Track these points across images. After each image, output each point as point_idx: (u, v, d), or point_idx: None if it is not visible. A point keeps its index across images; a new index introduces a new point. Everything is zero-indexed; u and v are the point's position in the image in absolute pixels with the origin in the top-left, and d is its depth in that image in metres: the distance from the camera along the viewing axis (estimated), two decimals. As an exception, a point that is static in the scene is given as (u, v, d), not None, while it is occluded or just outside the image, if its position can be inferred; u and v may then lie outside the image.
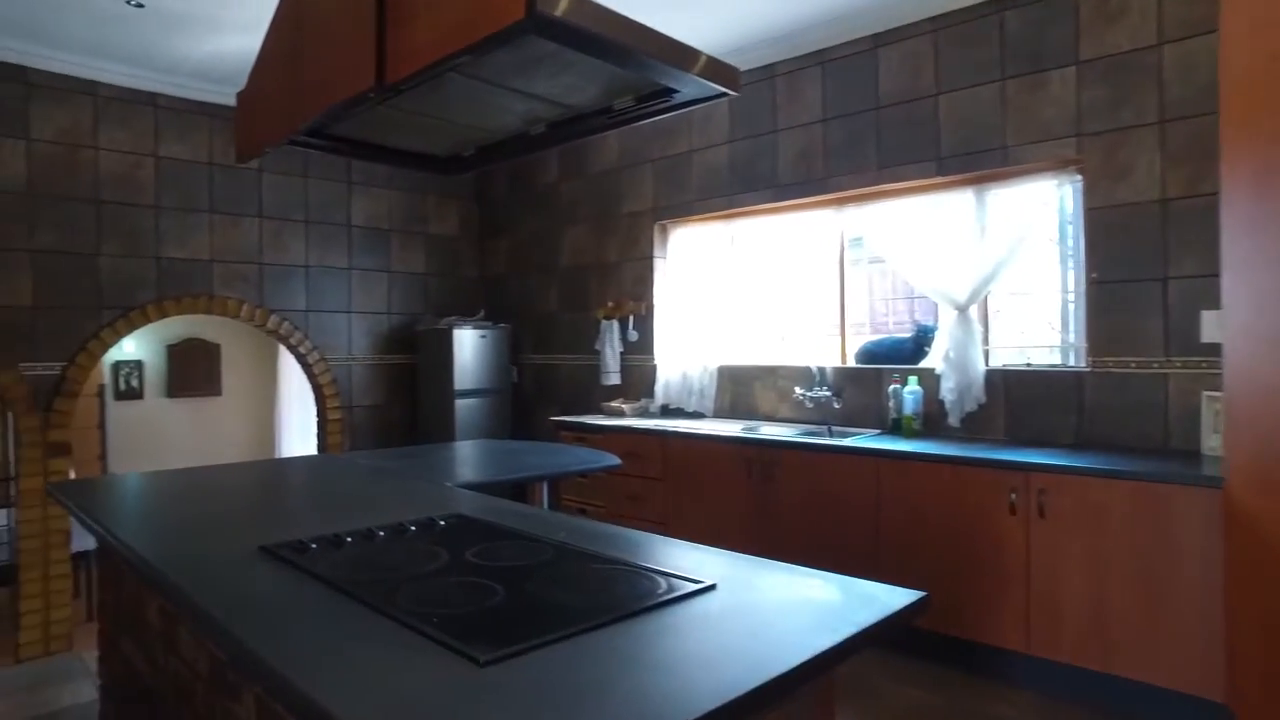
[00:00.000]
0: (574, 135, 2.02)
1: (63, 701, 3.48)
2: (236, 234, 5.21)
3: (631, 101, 1.82)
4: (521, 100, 1.82)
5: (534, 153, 2.21)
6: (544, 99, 1.81)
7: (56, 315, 4.55)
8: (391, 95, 1.64)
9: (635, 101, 1.81)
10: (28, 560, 4.45)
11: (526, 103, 1.84)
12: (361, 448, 5.74)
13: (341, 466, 3.06)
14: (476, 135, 2.13)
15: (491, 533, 1.87)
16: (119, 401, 7.46)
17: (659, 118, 1.93)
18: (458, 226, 6.37)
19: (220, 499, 2.49)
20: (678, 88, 1.68)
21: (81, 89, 4.66)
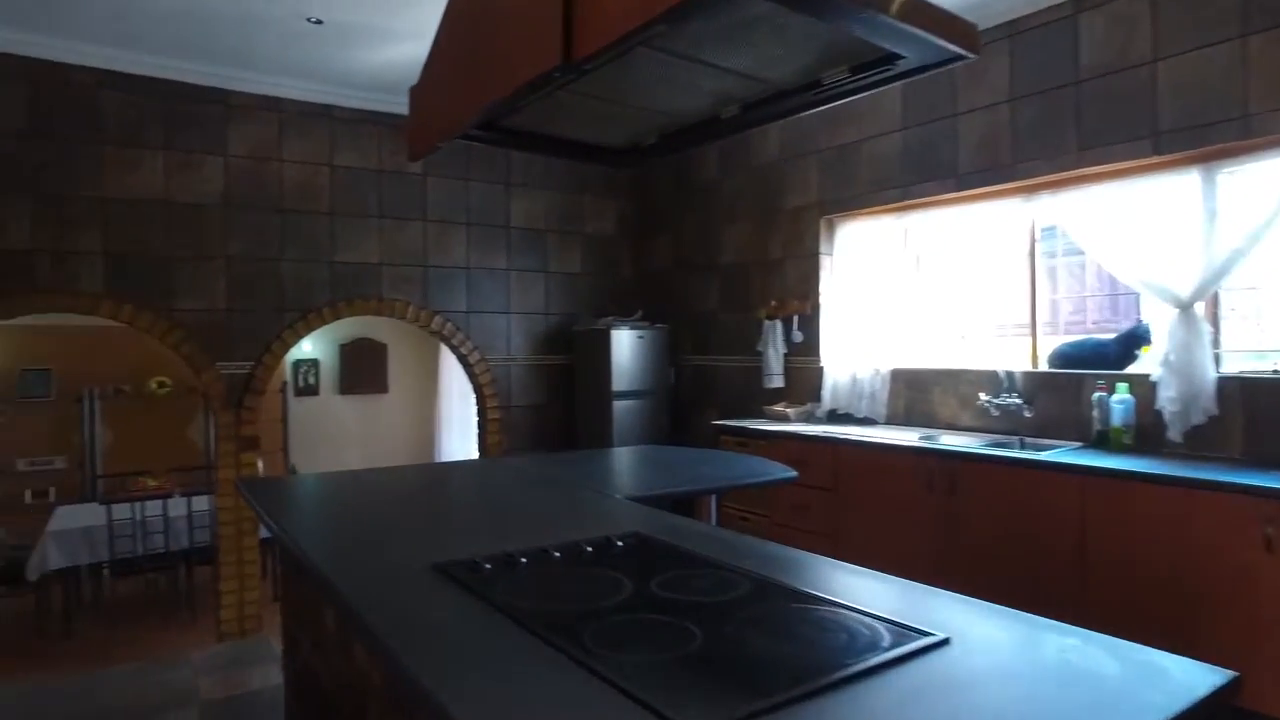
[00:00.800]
0: (771, 117, 1.83)
1: (253, 684, 3.67)
2: (403, 237, 5.37)
3: (845, 73, 1.60)
4: (716, 77, 1.64)
5: (721, 138, 2.03)
6: (743, 74, 1.63)
7: (246, 318, 4.83)
8: (575, 77, 1.51)
9: (849, 73, 1.60)
10: (225, 545, 4.77)
11: (721, 80, 1.66)
12: (519, 447, 5.79)
13: (506, 472, 3.01)
14: (659, 121, 1.98)
15: (675, 558, 1.71)
16: (298, 397, 7.96)
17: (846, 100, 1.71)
18: (615, 225, 6.32)
19: (391, 506, 2.48)
20: (904, 53, 1.46)
21: (268, 106, 4.93)
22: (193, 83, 4.68)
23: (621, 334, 5.60)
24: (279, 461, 7.42)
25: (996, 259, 4.25)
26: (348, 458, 8.12)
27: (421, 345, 8.56)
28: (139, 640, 5.02)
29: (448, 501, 2.57)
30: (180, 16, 4.02)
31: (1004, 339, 4.35)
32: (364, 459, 8.20)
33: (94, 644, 5.00)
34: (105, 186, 4.46)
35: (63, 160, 4.36)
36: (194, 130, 4.70)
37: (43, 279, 4.31)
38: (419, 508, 2.45)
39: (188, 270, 4.66)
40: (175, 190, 4.65)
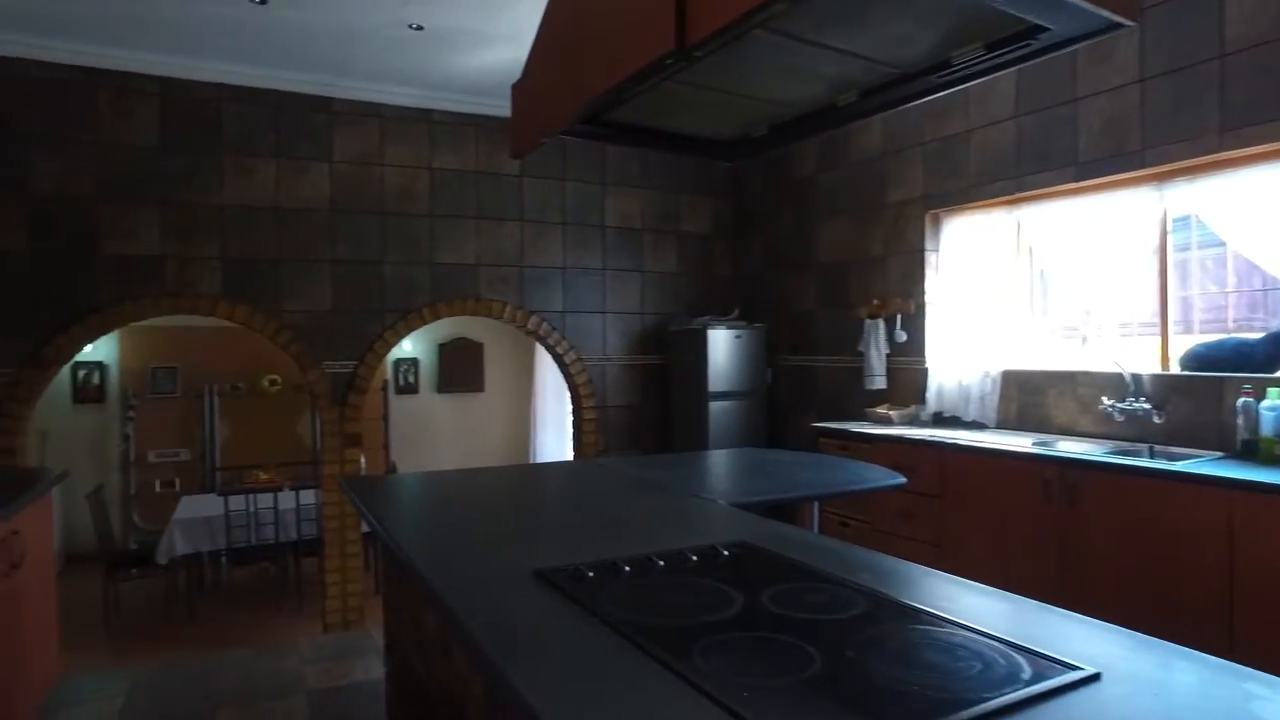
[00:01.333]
0: (892, 103, 1.72)
1: (356, 675, 3.76)
2: (500, 238, 5.43)
3: (978, 51, 1.48)
4: (836, 61, 1.55)
5: (836, 128, 1.92)
6: (865, 57, 1.53)
7: (350, 318, 4.98)
8: (686, 65, 1.44)
9: (984, 50, 1.47)
10: (330, 538, 4.93)
11: (841, 64, 1.56)
12: (615, 448, 5.78)
13: (604, 475, 2.97)
14: (770, 111, 1.89)
15: (784, 570, 1.62)
16: (398, 396, 8.19)
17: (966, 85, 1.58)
18: (710, 224, 6.24)
19: (490, 508, 2.47)
20: (1050, 24, 1.33)
21: (370, 112, 5.06)
22: (300, 92, 4.85)
23: (718, 334, 5.51)
24: (380, 458, 7.66)
25: (1120, 253, 3.96)
26: (445, 456, 8.31)
27: (517, 345, 8.67)
28: (252, 624, 5.25)
29: (546, 504, 2.55)
30: (288, 30, 4.17)
31: (1128, 339, 4.05)
32: (461, 457, 8.38)
33: (214, 626, 5.26)
34: (223, 194, 4.67)
35: (188, 171, 4.59)
36: (302, 138, 4.87)
37: (170, 282, 4.55)
38: (518, 510, 2.44)
39: (296, 273, 4.84)
40: (285, 196, 4.83)
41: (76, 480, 6.84)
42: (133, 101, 4.50)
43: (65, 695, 3.54)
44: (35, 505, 2.77)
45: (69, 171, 4.35)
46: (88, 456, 7.07)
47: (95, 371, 7.09)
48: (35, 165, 4.29)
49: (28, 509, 2.64)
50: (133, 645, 5.00)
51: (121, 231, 4.45)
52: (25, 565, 2.58)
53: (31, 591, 2.72)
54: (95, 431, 7.14)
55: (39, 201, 4.29)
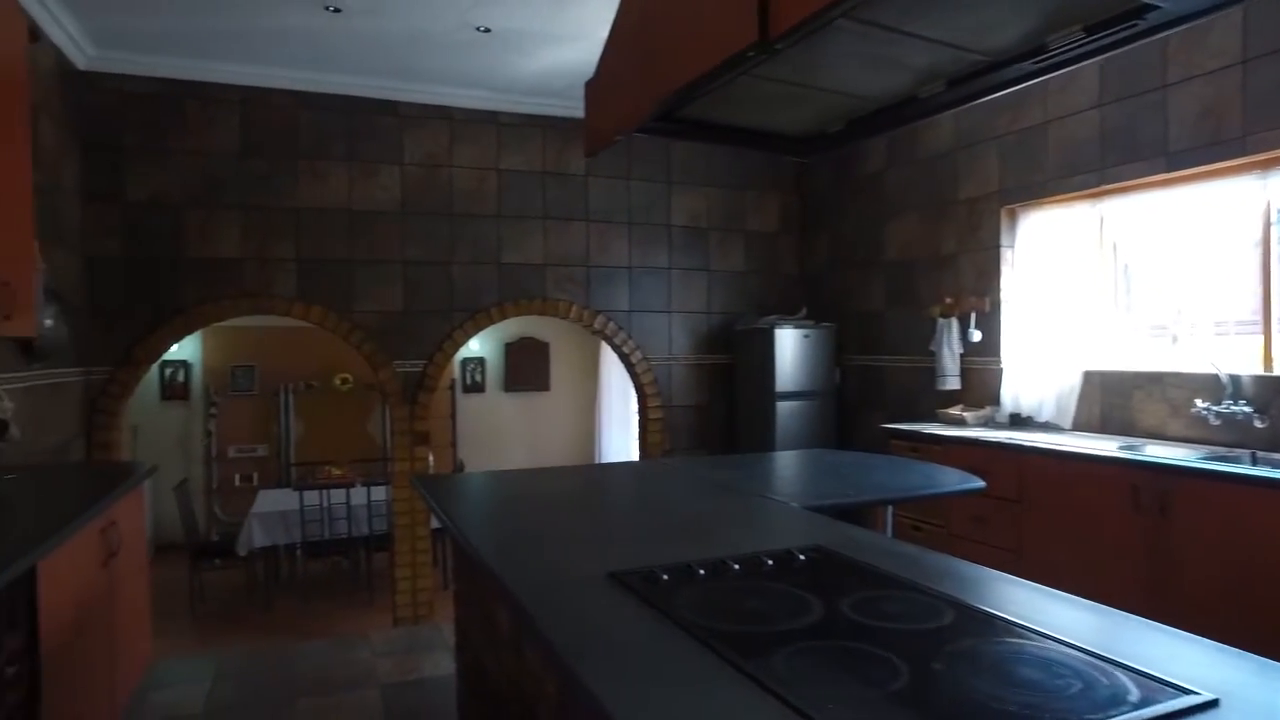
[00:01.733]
0: (980, 92, 1.64)
1: (426, 670, 3.82)
2: (566, 238, 5.46)
3: (1077, 34, 1.41)
4: (923, 50, 1.49)
5: (917, 121, 1.85)
6: (953, 45, 1.46)
7: (419, 318, 5.07)
8: (766, 57, 1.41)
9: (1083, 33, 1.40)
10: (400, 534, 5.02)
11: (928, 53, 1.51)
12: (681, 447, 5.76)
13: (672, 475, 2.95)
14: (849, 105, 1.83)
15: (863, 576, 1.57)
16: (466, 394, 8.32)
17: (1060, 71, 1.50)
18: (777, 222, 6.16)
19: (561, 507, 2.47)
20: (1161, 1, 1.25)
21: (439, 115, 5.14)
22: (371, 97, 4.95)
23: (785, 333, 5.44)
24: (448, 456, 7.79)
25: (1216, 247, 3.75)
26: (511, 454, 8.40)
27: (583, 344, 8.72)
28: (326, 615, 5.40)
29: (616, 504, 2.54)
30: (360, 36, 4.26)
31: (1224, 338, 3.84)
32: (527, 455, 8.46)
33: (290, 616, 5.43)
34: (298, 198, 4.81)
35: (265, 176, 4.74)
36: (372, 141, 4.98)
37: (248, 284, 4.70)
38: (588, 510, 2.43)
39: (367, 274, 4.95)
40: (357, 199, 4.94)
41: (164, 473, 7.13)
42: (216, 111, 4.66)
43: (157, 678, 3.69)
44: (128, 498, 2.89)
45: (159, 180, 4.53)
46: (174, 451, 7.38)
47: (180, 370, 7.39)
48: (131, 175, 4.48)
49: (122, 501, 2.75)
50: (216, 631, 5.20)
51: (205, 235, 4.62)
52: (121, 554, 2.69)
53: (127, 579, 2.84)
54: (181, 427, 7.44)
55: (133, 209, 4.48)
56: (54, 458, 3.92)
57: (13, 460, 3.39)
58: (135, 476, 2.94)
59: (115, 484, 2.84)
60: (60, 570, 2.15)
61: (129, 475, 3.01)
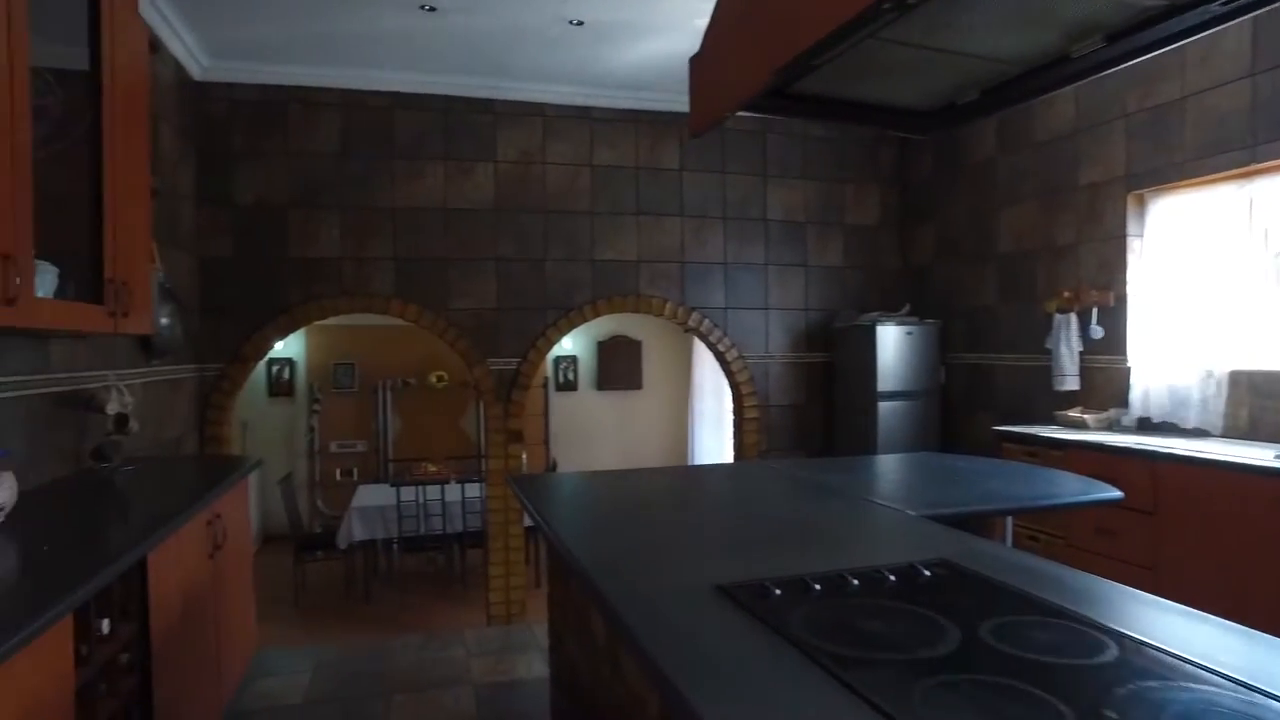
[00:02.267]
0: (1145, 48, 1.44)
1: (518, 672, 3.79)
2: (660, 234, 5.37)
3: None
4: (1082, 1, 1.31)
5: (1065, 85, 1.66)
6: (1124, -9, 1.29)
7: (513, 316, 5.07)
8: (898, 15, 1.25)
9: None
10: (493, 531, 5.04)
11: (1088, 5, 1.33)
12: (777, 448, 5.59)
13: (774, 478, 2.81)
14: (986, 71, 1.64)
15: (1000, 597, 1.41)
16: (558, 393, 8.34)
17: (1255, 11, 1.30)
18: (878, 215, 5.91)
19: (660, 510, 2.37)
20: None
21: (532, 112, 5.13)
22: (465, 96, 4.98)
23: (887, 330, 5.20)
24: (541, 454, 7.83)
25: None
26: (603, 453, 8.39)
27: (676, 342, 8.63)
28: (422, 609, 5.48)
29: (718, 508, 2.42)
30: (455, 35, 4.27)
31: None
32: (619, 454, 8.43)
33: (387, 609, 5.54)
34: (395, 197, 4.87)
35: (363, 176, 4.83)
36: (467, 140, 5.01)
37: (347, 282, 4.80)
38: (688, 514, 2.32)
39: (462, 271, 4.98)
40: (451, 197, 4.98)
41: (271, 466, 7.42)
42: (317, 114, 4.77)
43: (262, 666, 3.79)
44: (233, 491, 2.95)
45: (264, 183, 4.67)
46: (280, 445, 7.66)
47: (286, 367, 7.66)
48: (239, 179, 4.64)
49: (227, 495, 2.81)
50: (318, 621, 5.35)
51: (306, 236, 4.73)
52: (226, 546, 2.75)
53: (232, 570, 2.90)
54: (286, 422, 7.73)
55: (241, 211, 4.64)
56: (171, 450, 4.09)
57: (134, 451, 3.53)
58: (239, 470, 3.00)
59: (222, 477, 2.91)
60: (168, 562, 2.19)
61: (235, 468, 3.08)
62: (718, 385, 7.78)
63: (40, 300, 2.10)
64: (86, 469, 2.96)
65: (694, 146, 5.43)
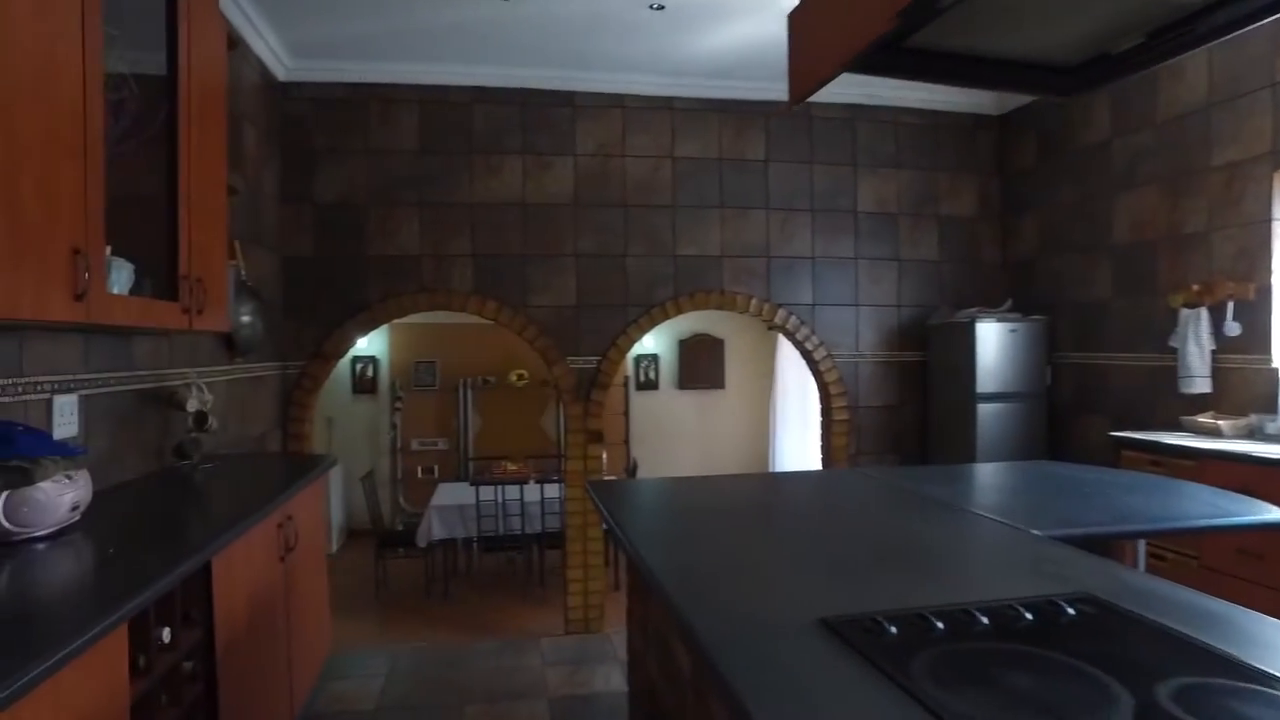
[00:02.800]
0: None
1: (596, 684, 3.66)
2: (745, 228, 5.15)
3: None
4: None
5: (1253, 24, 1.38)
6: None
7: (593, 313, 4.94)
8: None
9: None
10: (572, 534, 4.92)
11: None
12: (868, 451, 5.30)
13: (873, 489, 2.58)
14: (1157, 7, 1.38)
15: (1174, 649, 1.16)
16: (639, 392, 8.20)
17: None
18: (975, 205, 5.54)
19: (751, 524, 2.18)
20: None
21: (612, 103, 4.99)
22: (544, 88, 4.87)
23: (988, 327, 4.85)
24: (621, 454, 7.70)
25: None
26: (684, 453, 8.21)
27: (759, 341, 8.39)
28: (500, 610, 5.42)
29: (815, 522, 2.21)
30: (532, 25, 4.16)
31: None
32: (699, 455, 8.24)
33: (465, 608, 5.49)
34: (473, 193, 4.81)
35: (442, 173, 4.78)
36: (546, 133, 4.90)
37: (426, 279, 4.76)
38: (782, 528, 2.12)
39: (541, 268, 4.88)
40: (530, 192, 4.88)
41: (355, 463, 7.53)
42: (396, 111, 4.75)
43: (337, 668, 3.77)
44: (307, 491, 2.90)
45: (344, 181, 4.67)
46: (364, 441, 7.77)
47: (369, 365, 7.76)
48: (321, 177, 4.65)
49: (300, 495, 2.75)
50: (397, 618, 5.35)
51: (385, 233, 4.71)
52: (299, 549, 2.69)
53: (305, 573, 2.85)
54: (369, 420, 7.82)
55: (322, 210, 4.65)
56: (257, 447, 4.11)
57: (218, 448, 3.54)
58: (312, 471, 2.95)
59: (298, 476, 2.85)
60: (234, 566, 2.12)
61: (312, 467, 3.03)
62: (802, 385, 7.50)
63: (112, 296, 2.06)
64: (169, 466, 2.96)
65: (780, 136, 5.19)
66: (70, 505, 1.98)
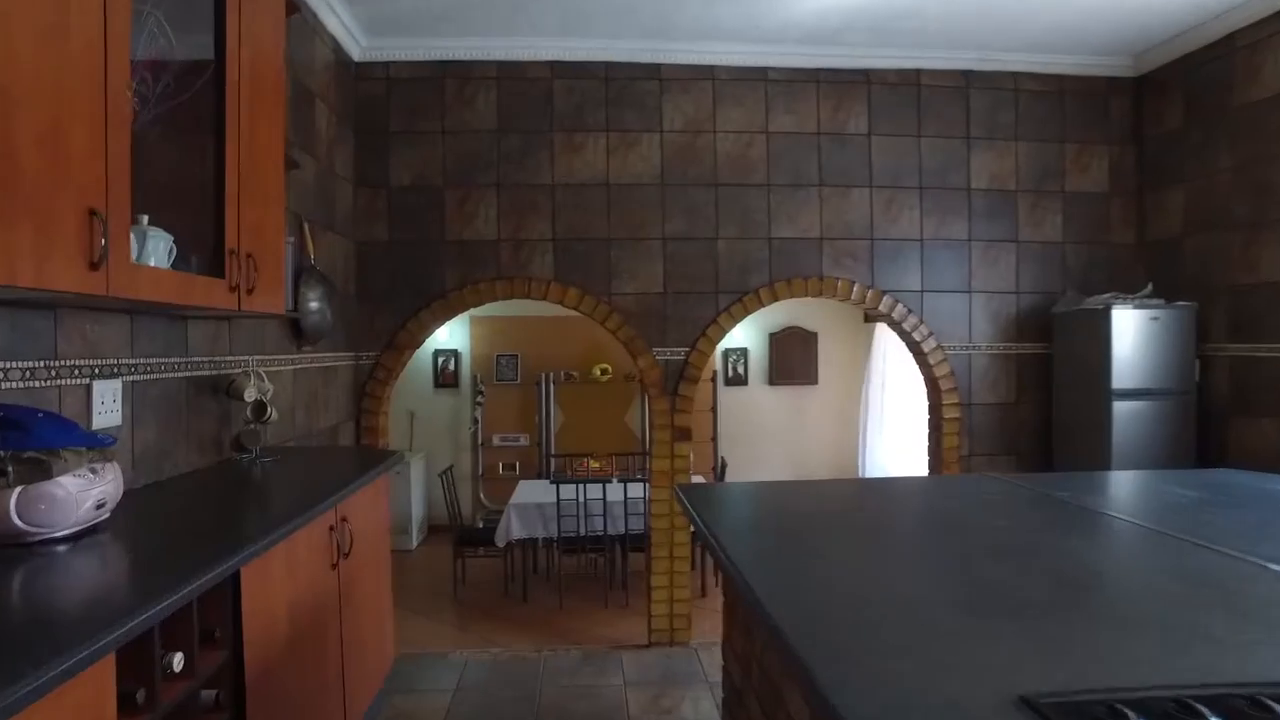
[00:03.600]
0: None
1: (683, 710, 3.31)
2: (846, 207, 4.70)
3: None
4: None
5: None
6: None
7: (681, 301, 4.59)
8: None
9: None
10: (657, 538, 4.58)
11: None
12: (981, 453, 4.78)
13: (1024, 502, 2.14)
14: None
15: None
16: (727, 387, 7.80)
17: None
18: (1106, 179, 4.93)
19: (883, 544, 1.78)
20: None
21: (701, 75, 4.62)
22: (628, 61, 4.54)
23: (1125, 314, 4.27)
24: (708, 452, 7.33)
25: None
26: (773, 452, 7.79)
27: (855, 334, 7.88)
28: (580, 615, 5.15)
29: (964, 544, 1.79)
30: (621, -18, 3.84)
31: None
32: (789, 454, 7.80)
33: (543, 611, 5.25)
34: (554, 173, 4.52)
35: (520, 153, 4.51)
36: (631, 109, 4.57)
37: (504, 266, 4.50)
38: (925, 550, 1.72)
39: (626, 252, 4.55)
40: (614, 171, 4.56)
41: (436, 457, 7.41)
42: (473, 89, 4.50)
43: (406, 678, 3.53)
44: (369, 489, 2.65)
45: (420, 163, 4.45)
46: (445, 436, 7.63)
47: (451, 358, 7.61)
48: (396, 160, 4.45)
49: (359, 494, 2.50)
50: (474, 617, 5.18)
51: (462, 217, 4.47)
52: (355, 553, 2.43)
53: (365, 578, 2.59)
54: (451, 413, 7.68)
55: (397, 193, 4.45)
56: (327, 440, 3.92)
57: (286, 440, 3.36)
58: (374, 469, 2.69)
59: (360, 473, 2.60)
60: (271, 576, 1.86)
61: (372, 465, 2.78)
62: (899, 381, 6.96)
63: (138, 267, 1.82)
64: (226, 459, 2.76)
65: (884, 108, 4.72)
66: (95, 502, 1.75)
